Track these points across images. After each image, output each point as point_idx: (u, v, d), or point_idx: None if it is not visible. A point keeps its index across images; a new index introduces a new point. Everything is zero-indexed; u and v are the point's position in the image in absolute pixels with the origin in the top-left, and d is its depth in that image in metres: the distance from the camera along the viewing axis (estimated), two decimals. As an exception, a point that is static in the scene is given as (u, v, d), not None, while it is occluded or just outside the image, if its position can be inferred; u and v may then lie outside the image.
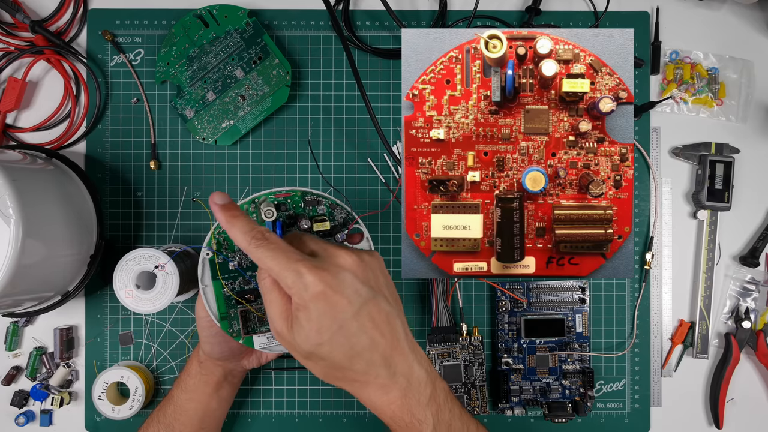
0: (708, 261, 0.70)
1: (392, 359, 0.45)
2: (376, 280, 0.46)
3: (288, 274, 0.42)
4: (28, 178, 0.58)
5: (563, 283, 0.69)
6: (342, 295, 0.42)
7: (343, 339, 0.43)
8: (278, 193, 0.54)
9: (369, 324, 0.44)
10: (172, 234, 0.70)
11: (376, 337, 0.44)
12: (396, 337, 0.45)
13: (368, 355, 0.44)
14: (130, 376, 0.67)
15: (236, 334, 0.55)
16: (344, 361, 0.44)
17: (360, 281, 0.44)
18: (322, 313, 0.42)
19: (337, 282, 0.43)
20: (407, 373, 0.45)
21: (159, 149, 0.71)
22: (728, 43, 0.72)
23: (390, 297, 0.47)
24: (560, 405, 0.69)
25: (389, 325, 0.45)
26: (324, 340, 0.43)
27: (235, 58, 0.68)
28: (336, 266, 0.44)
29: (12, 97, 0.69)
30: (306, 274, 0.42)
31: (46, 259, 0.58)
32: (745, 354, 0.71)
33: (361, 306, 0.43)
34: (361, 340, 0.43)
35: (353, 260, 0.45)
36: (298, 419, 0.71)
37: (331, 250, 0.45)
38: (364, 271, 0.45)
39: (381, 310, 0.44)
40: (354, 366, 0.44)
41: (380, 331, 0.44)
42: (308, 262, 0.43)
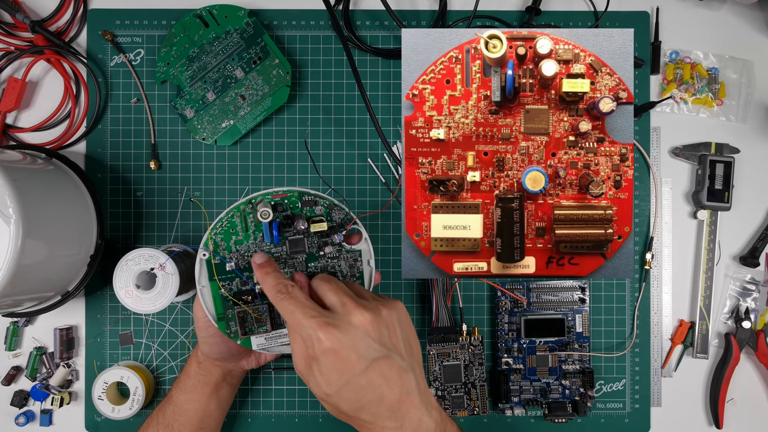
0: (708, 261, 0.70)
1: (400, 411, 0.47)
2: (391, 336, 0.48)
3: (303, 328, 0.46)
4: (28, 178, 0.58)
5: (563, 283, 0.69)
6: (352, 352, 0.45)
7: (351, 393, 0.46)
8: (275, 193, 0.54)
9: (379, 380, 0.46)
10: (172, 234, 0.70)
11: (385, 392, 0.46)
12: (406, 391, 0.47)
13: (374, 408, 0.47)
14: (130, 376, 0.67)
15: (234, 334, 0.55)
16: (351, 411, 0.47)
17: (372, 339, 0.47)
18: (330, 368, 0.45)
19: (348, 339, 0.45)
20: (416, 424, 0.47)
21: (159, 149, 0.71)
22: (728, 43, 0.72)
23: (405, 351, 0.49)
24: (560, 405, 0.68)
25: (400, 379, 0.47)
26: (332, 391, 0.46)
27: (235, 58, 0.68)
28: (348, 324, 0.46)
29: (12, 97, 0.69)
30: (318, 331, 0.45)
31: (46, 259, 0.58)
32: (745, 354, 0.71)
33: (371, 363, 0.46)
34: (368, 395, 0.46)
35: (367, 319, 0.47)
36: (298, 419, 0.71)
37: (348, 305, 0.47)
38: (378, 329, 0.47)
39: (393, 366, 0.47)
40: (360, 416, 0.47)
41: (389, 386, 0.46)
42: (322, 318, 0.46)
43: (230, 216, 0.54)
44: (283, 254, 0.55)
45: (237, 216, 0.54)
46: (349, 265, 0.56)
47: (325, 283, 0.50)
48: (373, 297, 0.51)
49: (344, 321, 0.46)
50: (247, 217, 0.54)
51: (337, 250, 0.56)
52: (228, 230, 0.55)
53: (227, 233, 0.55)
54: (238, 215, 0.54)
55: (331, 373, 0.45)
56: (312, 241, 0.55)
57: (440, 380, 0.68)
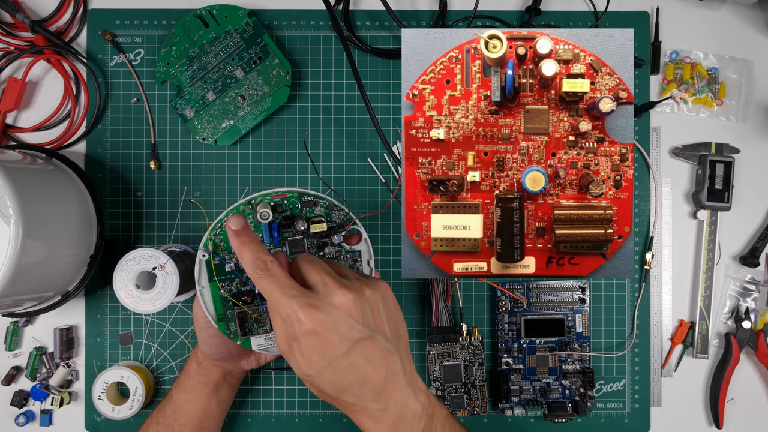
0: (708, 261, 0.70)
1: (384, 393, 0.46)
2: (375, 317, 0.47)
3: (283, 308, 0.44)
4: (28, 178, 0.58)
5: (563, 283, 0.69)
6: (334, 333, 0.44)
7: (332, 375, 0.44)
8: (275, 194, 0.54)
9: (361, 361, 0.45)
10: (172, 234, 0.70)
11: (368, 373, 0.45)
12: (391, 373, 0.46)
13: (357, 390, 0.45)
14: (130, 376, 0.67)
15: (233, 335, 0.55)
16: (333, 392, 0.45)
17: (354, 320, 0.45)
18: (311, 349, 0.44)
19: (330, 320, 0.44)
20: (401, 406, 0.46)
21: (159, 149, 0.71)
22: (728, 43, 0.72)
23: (390, 332, 0.47)
24: (560, 405, 0.69)
25: (384, 361, 0.45)
26: (314, 373, 0.44)
27: (235, 58, 0.68)
28: (330, 305, 0.44)
29: (12, 97, 0.69)
30: (298, 311, 0.44)
31: (46, 259, 0.58)
32: (745, 354, 0.71)
33: (354, 344, 0.44)
34: (349, 376, 0.45)
35: (349, 299, 0.45)
36: (298, 419, 0.71)
37: (330, 285, 0.46)
38: (361, 310, 0.45)
39: (376, 347, 0.45)
40: (343, 397, 0.46)
41: (373, 368, 0.45)
42: (302, 299, 0.44)
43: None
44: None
45: None
46: (348, 266, 0.56)
47: (307, 263, 0.48)
48: (356, 277, 0.49)
49: (326, 301, 0.44)
50: (247, 218, 0.54)
51: (336, 250, 0.56)
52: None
53: (227, 234, 0.54)
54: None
55: (312, 354, 0.44)
56: (312, 241, 0.55)
57: (440, 380, 0.68)
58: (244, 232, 0.48)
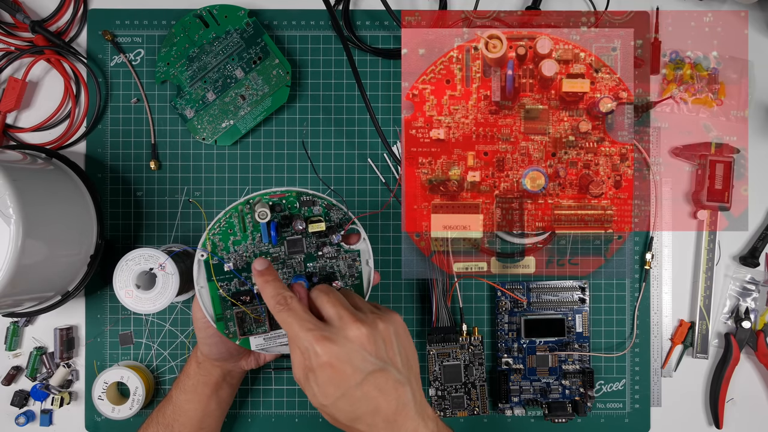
0: (708, 261, 0.70)
1: (396, 423, 0.48)
2: (387, 350, 0.49)
3: (300, 341, 0.47)
4: (28, 178, 0.58)
5: (563, 283, 0.69)
6: (347, 365, 0.46)
7: (347, 405, 0.47)
8: (273, 193, 0.54)
9: (374, 392, 0.47)
10: (172, 234, 0.70)
11: (381, 404, 0.47)
12: (402, 403, 0.48)
13: (370, 419, 0.48)
14: (130, 376, 0.67)
15: (232, 335, 0.55)
16: (347, 421, 0.48)
17: (368, 352, 0.47)
18: (327, 381, 0.47)
19: (344, 353, 0.46)
20: None
21: (159, 149, 0.71)
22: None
23: (402, 363, 0.50)
24: (560, 405, 0.68)
25: (396, 392, 0.48)
26: (329, 403, 0.47)
27: (235, 58, 0.68)
28: (345, 338, 0.47)
29: (12, 97, 0.69)
30: (315, 344, 0.46)
31: (46, 259, 0.58)
32: (745, 354, 0.71)
33: (367, 376, 0.47)
34: (363, 406, 0.47)
35: (363, 333, 0.48)
36: (298, 419, 0.71)
37: (345, 319, 0.48)
38: (374, 343, 0.48)
39: (388, 378, 0.48)
40: (356, 426, 0.48)
41: (386, 399, 0.47)
42: (318, 332, 0.47)
43: (228, 216, 0.54)
44: (282, 254, 0.55)
45: (235, 216, 0.54)
46: (347, 265, 0.56)
47: (324, 295, 0.50)
48: (370, 309, 0.51)
49: (341, 335, 0.47)
50: (245, 218, 0.54)
51: (335, 250, 0.56)
52: (226, 231, 0.54)
53: (225, 234, 0.54)
54: (236, 216, 0.54)
55: (327, 385, 0.46)
56: (310, 241, 0.55)
57: (440, 380, 0.68)
58: (267, 272, 0.52)
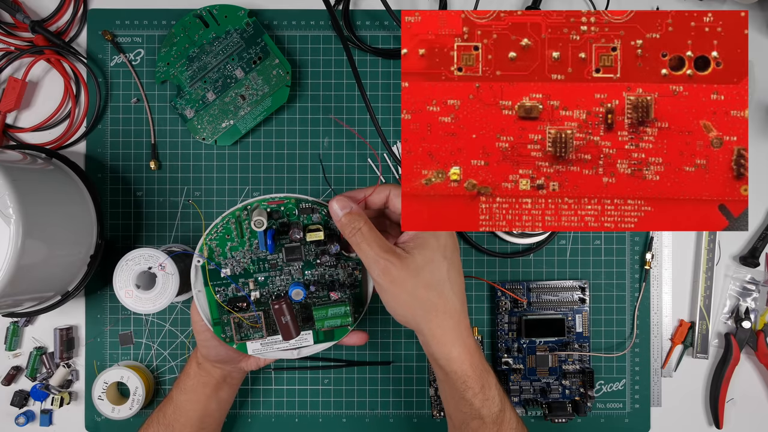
0: (708, 261, 0.70)
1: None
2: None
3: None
4: (28, 178, 0.58)
5: (563, 283, 0.69)
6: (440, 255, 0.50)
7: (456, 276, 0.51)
8: (272, 200, 0.53)
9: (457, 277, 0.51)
10: (172, 234, 0.71)
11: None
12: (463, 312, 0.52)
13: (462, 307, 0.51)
14: (130, 376, 0.67)
15: (230, 339, 0.55)
16: (458, 297, 0.51)
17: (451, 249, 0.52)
18: (434, 250, 0.50)
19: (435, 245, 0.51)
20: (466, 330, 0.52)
21: (159, 149, 0.71)
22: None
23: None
24: (560, 405, 0.69)
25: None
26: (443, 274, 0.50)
27: (235, 58, 0.68)
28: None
29: (12, 97, 0.69)
30: None
31: (46, 259, 0.58)
32: (745, 354, 0.71)
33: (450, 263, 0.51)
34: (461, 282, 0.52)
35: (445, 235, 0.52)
36: (298, 419, 0.71)
37: None
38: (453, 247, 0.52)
39: (460, 273, 0.52)
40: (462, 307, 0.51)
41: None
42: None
43: (225, 222, 0.53)
44: (279, 262, 0.55)
45: (232, 222, 0.53)
46: (347, 274, 0.55)
47: None
48: None
49: None
50: (243, 224, 0.53)
51: (335, 258, 0.55)
52: (223, 236, 0.53)
53: (222, 239, 0.53)
54: (233, 221, 0.53)
55: (435, 254, 0.50)
56: (309, 248, 0.55)
57: (440, 380, 0.68)
58: (359, 217, 0.52)
